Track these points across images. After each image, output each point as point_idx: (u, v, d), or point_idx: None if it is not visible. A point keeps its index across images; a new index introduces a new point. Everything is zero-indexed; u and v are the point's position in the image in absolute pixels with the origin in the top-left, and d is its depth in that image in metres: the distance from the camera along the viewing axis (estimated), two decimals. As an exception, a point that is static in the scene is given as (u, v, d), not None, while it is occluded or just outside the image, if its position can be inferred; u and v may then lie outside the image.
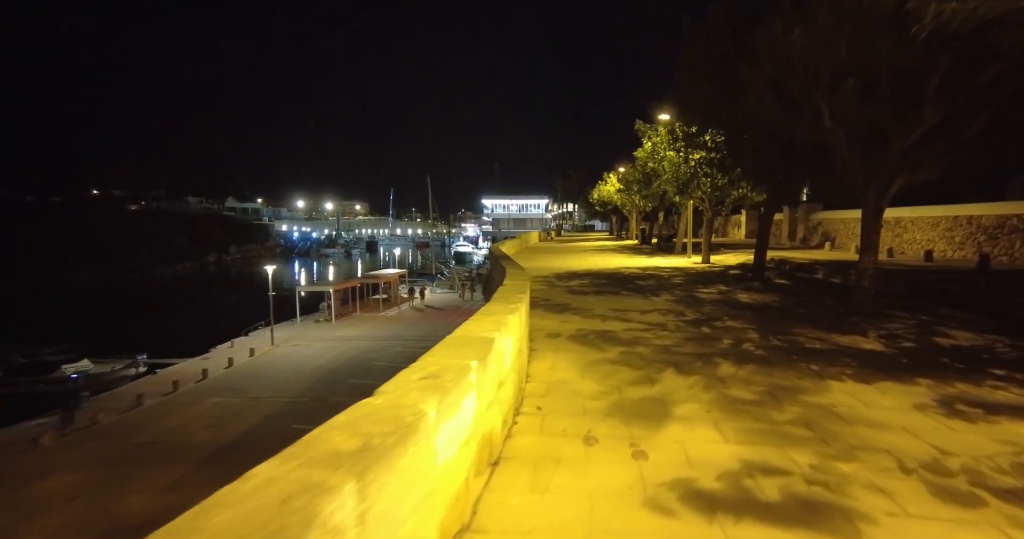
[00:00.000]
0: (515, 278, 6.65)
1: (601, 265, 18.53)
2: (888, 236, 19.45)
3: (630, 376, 4.93)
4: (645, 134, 19.66)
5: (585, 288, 11.87)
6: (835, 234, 24.10)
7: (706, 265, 17.70)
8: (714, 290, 11.38)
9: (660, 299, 10.10)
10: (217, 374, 22.94)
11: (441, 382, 2.26)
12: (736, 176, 14.42)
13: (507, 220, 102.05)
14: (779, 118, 8.60)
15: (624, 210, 45.07)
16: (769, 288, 11.63)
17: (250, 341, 28.56)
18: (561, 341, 6.45)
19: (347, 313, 35.96)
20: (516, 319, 4.08)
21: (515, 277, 6.78)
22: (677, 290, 11.44)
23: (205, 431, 16.22)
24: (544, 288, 11.89)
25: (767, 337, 6.57)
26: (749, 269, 15.58)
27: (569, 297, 10.43)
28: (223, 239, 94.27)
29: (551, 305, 9.38)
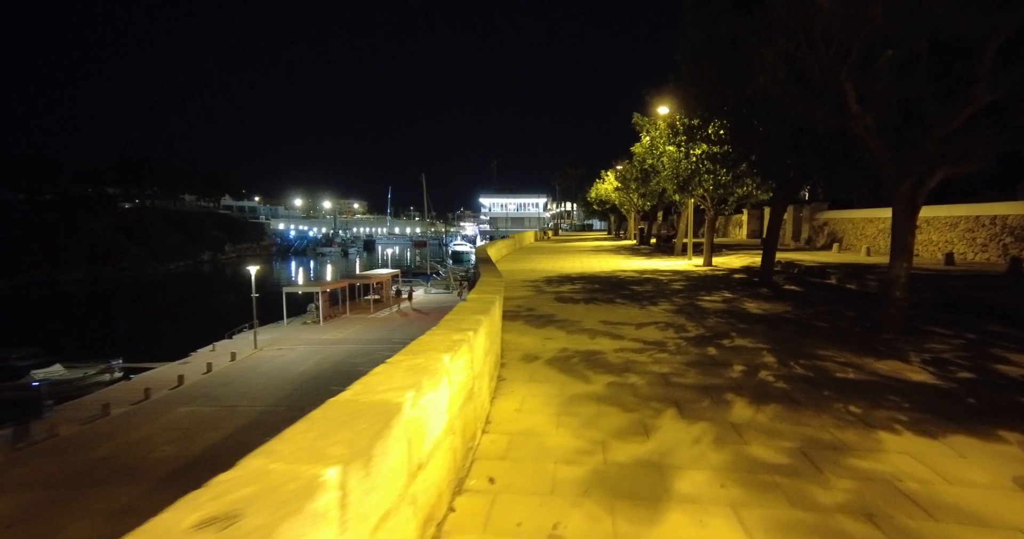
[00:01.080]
0: (484, 290, 5.53)
1: (596, 268, 17.41)
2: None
3: (619, 422, 3.80)
4: (643, 128, 18.50)
5: (576, 295, 10.75)
6: (842, 235, 23.00)
7: (708, 268, 16.58)
8: (718, 298, 10.26)
9: (658, 309, 8.98)
10: (194, 380, 21.84)
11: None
12: (741, 172, 13.29)
13: (505, 219, 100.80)
14: (795, 102, 7.46)
15: (622, 209, 43.95)
16: (779, 296, 10.51)
17: (233, 344, 27.49)
18: (538, 367, 5.32)
19: (336, 314, 34.90)
20: (461, 359, 2.97)
21: (485, 288, 5.66)
22: (677, 298, 10.32)
23: (171, 445, 15.10)
24: (530, 295, 10.77)
25: (786, 361, 5.45)
26: (755, 273, 14.44)
27: (556, 306, 9.31)
28: (218, 238, 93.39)
29: (534, 317, 8.26)
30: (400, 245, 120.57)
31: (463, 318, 3.75)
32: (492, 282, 6.32)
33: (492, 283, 6.18)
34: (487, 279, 6.70)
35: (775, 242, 11.94)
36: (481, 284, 6.00)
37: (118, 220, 78.72)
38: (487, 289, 5.50)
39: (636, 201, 35.35)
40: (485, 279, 6.72)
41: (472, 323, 3.60)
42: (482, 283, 6.20)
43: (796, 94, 7.38)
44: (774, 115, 8.98)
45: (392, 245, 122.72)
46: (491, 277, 7.01)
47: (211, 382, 21.51)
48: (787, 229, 30.06)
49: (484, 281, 6.43)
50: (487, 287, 5.71)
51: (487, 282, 6.36)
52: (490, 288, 5.65)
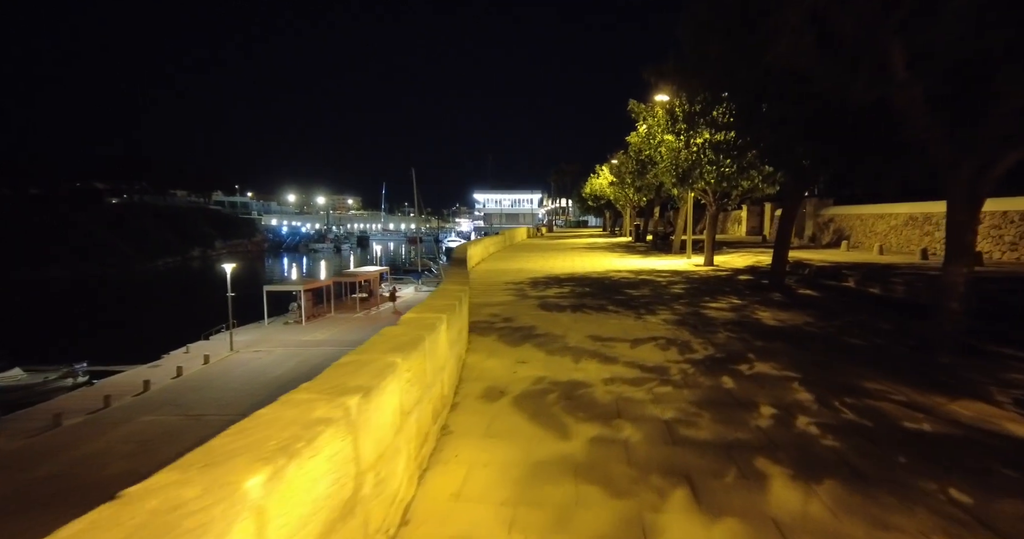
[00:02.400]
0: (433, 305, 4.20)
1: (588, 267, 16.09)
2: (916, 234, 17.12)
3: (604, 519, 2.48)
4: (640, 116, 17.12)
5: (562, 301, 9.42)
6: (850, 232, 21.73)
7: (709, 268, 15.28)
8: (725, 304, 8.96)
9: (657, 319, 7.67)
10: (161, 386, 20.46)
11: None
12: (747, 162, 11.98)
13: (499, 215, 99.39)
14: (823, 72, 6.14)
15: (617, 205, 42.66)
16: (795, 302, 9.22)
17: (209, 346, 26.13)
18: (501, 409, 3.99)
19: (320, 314, 33.56)
20: (333, 445, 1.64)
21: (434, 303, 4.32)
22: (678, 304, 9.01)
23: (123, 461, 13.74)
24: (510, 301, 9.43)
25: (827, 399, 4.14)
26: (762, 274, 13.16)
27: (538, 316, 7.99)
28: (208, 234, 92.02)
29: (510, 330, 6.93)
30: (395, 241, 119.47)
31: (356, 369, 2.38)
32: (450, 293, 4.98)
33: (449, 295, 4.84)
34: (447, 288, 5.38)
35: (787, 241, 10.64)
36: (434, 297, 4.67)
37: (106, 216, 77.26)
38: (437, 304, 4.18)
39: (631, 196, 34.03)
40: (445, 288, 5.40)
41: (370, 377, 2.25)
42: (437, 294, 4.86)
43: (825, 62, 6.06)
44: (792, 93, 7.66)
45: (386, 241, 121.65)
46: (453, 285, 5.68)
47: (180, 388, 20.16)
48: (789, 226, 28.85)
49: (441, 291, 5.10)
50: (439, 301, 4.39)
51: (445, 293, 5.03)
52: (443, 302, 4.32)
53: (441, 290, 5.17)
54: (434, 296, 4.66)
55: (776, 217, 31.35)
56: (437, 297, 4.61)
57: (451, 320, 4.10)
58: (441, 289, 5.28)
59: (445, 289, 5.27)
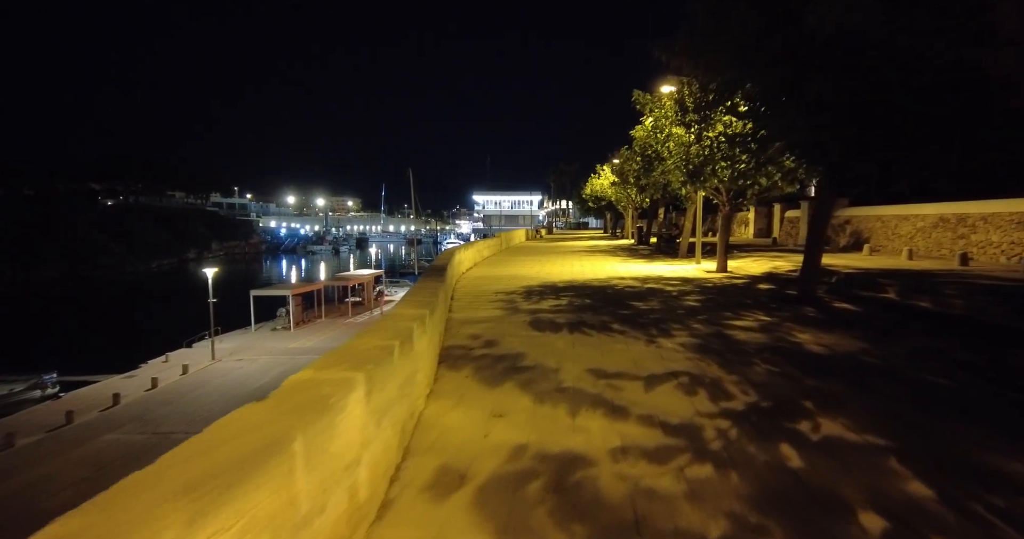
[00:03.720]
0: (349, 354, 2.78)
1: (589, 273, 14.66)
2: (948, 237, 15.67)
3: None
4: (645, 107, 15.68)
5: (559, 316, 8.00)
6: (869, 234, 20.28)
7: (723, 274, 13.85)
8: (752, 322, 7.53)
9: (672, 343, 6.23)
10: (132, 399, 19.08)
11: None
12: (769, 156, 10.56)
13: (498, 217, 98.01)
14: (894, 31, 4.74)
15: (619, 206, 41.27)
16: (834, 319, 7.79)
17: (191, 354, 24.79)
18: (453, 515, 2.56)
19: (311, 319, 32.24)
20: None
21: (351, 353, 2.90)
22: (696, 321, 7.58)
23: (74, 488, 12.35)
24: (497, 317, 7.99)
25: (957, 496, 2.69)
26: (785, 282, 11.73)
27: (529, 338, 6.57)
28: (205, 235, 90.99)
29: (492, 359, 5.50)
30: (394, 243, 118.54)
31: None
32: (394, 326, 3.56)
33: (389, 330, 3.41)
34: (398, 315, 3.95)
35: (819, 246, 9.19)
36: (367, 333, 3.24)
37: (100, 217, 76.22)
38: (360, 349, 2.76)
39: (634, 197, 32.63)
40: (395, 314, 3.98)
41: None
42: (375, 329, 3.43)
43: (896, 19, 4.66)
44: (838, 67, 6.27)
45: (386, 243, 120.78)
46: (411, 309, 4.24)
47: (152, 401, 18.79)
48: (800, 228, 27.38)
49: (385, 324, 3.67)
50: (369, 340, 2.97)
51: (387, 325, 3.60)
52: (375, 343, 2.91)
53: (385, 320, 3.76)
54: (368, 333, 3.24)
55: (786, 219, 29.93)
56: (372, 333, 3.19)
57: (383, 376, 2.69)
58: (388, 316, 3.87)
59: (393, 318, 3.85)
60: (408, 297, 4.75)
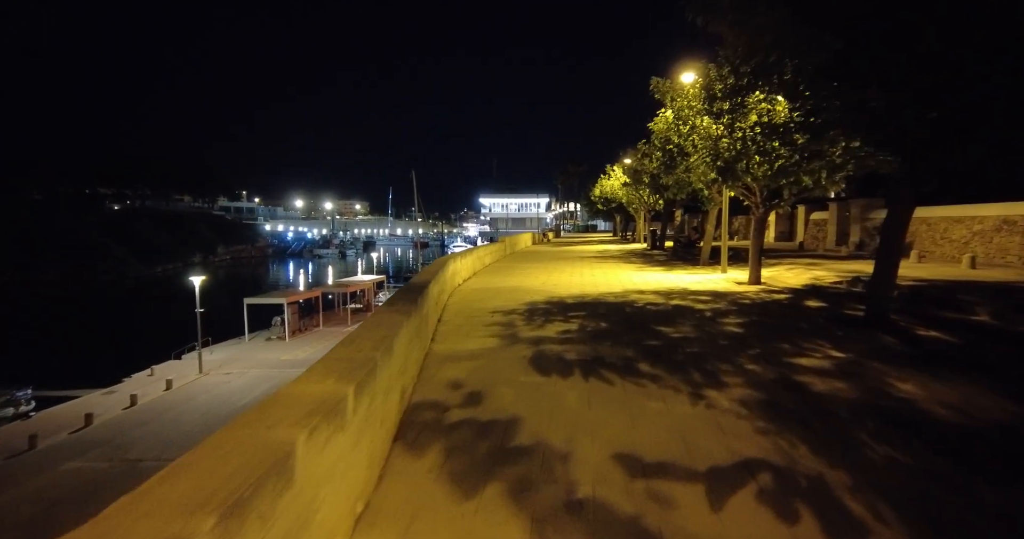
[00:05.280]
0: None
1: (602, 285, 12.91)
2: (1016, 243, 13.69)
3: None
4: (665, 95, 13.87)
5: (569, 349, 6.26)
6: (912, 238, 18.29)
7: (758, 287, 12.03)
8: (822, 359, 5.75)
9: (728, 400, 4.47)
10: (106, 419, 17.57)
11: None
12: (822, 146, 8.76)
13: (505, 219, 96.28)
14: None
15: (630, 208, 39.44)
16: (929, 354, 5.96)
17: (179, 366, 23.36)
18: None
19: (308, 327, 30.81)
20: None
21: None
22: (747, 358, 5.81)
23: (18, 530, 10.86)
24: (492, 349, 6.27)
25: None
26: (836, 298, 9.92)
27: (529, 388, 4.84)
28: (210, 239, 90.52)
29: (473, 431, 3.75)
30: (401, 246, 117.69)
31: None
32: (290, 415, 1.91)
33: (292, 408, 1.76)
34: (301, 391, 2.28)
35: (896, 257, 7.37)
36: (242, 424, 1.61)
37: (105, 220, 75.93)
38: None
39: (647, 198, 30.79)
40: (293, 392, 2.32)
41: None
42: (249, 416, 1.80)
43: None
44: (954, 16, 4.53)
45: (393, 246, 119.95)
46: (340, 363, 2.57)
47: (127, 421, 17.27)
48: (828, 232, 25.43)
49: (275, 404, 2.03)
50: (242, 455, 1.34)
51: (278, 411, 1.95)
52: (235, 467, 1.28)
53: (278, 398, 2.08)
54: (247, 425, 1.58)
55: (811, 221, 27.96)
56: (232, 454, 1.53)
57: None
58: (278, 398, 2.19)
59: (293, 397, 2.18)
60: (334, 353, 3.05)
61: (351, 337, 3.44)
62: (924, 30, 4.60)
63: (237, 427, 1.97)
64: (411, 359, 4.70)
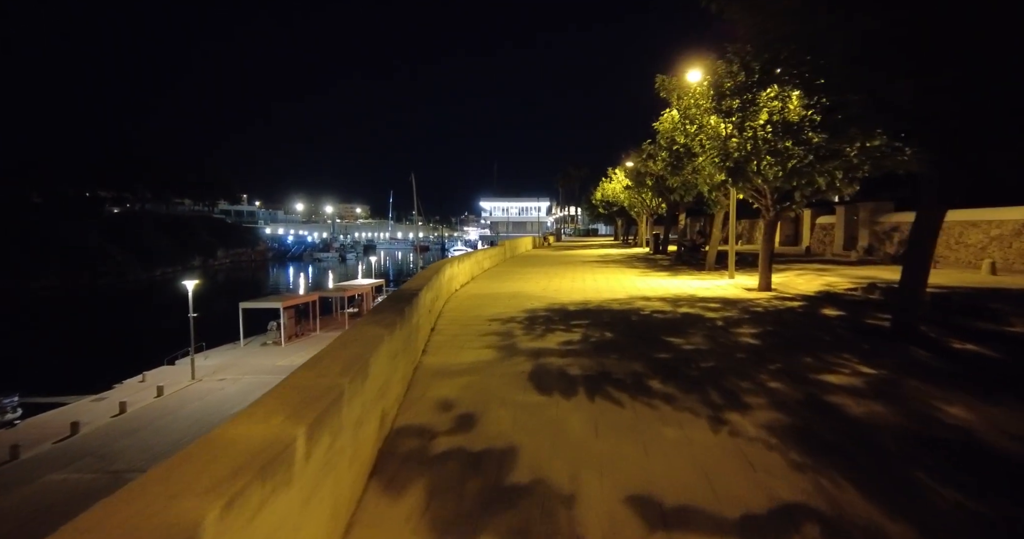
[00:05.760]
0: None
1: (605, 291, 12.38)
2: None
3: None
4: (672, 94, 13.37)
5: (572, 363, 5.72)
6: (924, 243, 17.75)
7: (769, 294, 11.49)
8: (851, 375, 5.21)
9: (753, 426, 3.90)
10: (94, 427, 16.99)
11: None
12: (847, 143, 8.24)
13: (505, 223, 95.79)
14: None
15: (632, 212, 38.94)
16: (970, 371, 5.41)
17: (172, 372, 22.81)
18: None
19: (304, 332, 30.29)
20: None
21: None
22: (769, 374, 5.26)
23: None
24: (488, 363, 5.72)
25: None
26: (855, 307, 9.38)
27: (528, 410, 4.28)
28: (210, 243, 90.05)
29: (464, 464, 3.18)
30: (402, 250, 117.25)
31: None
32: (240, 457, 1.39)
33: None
34: (240, 434, 1.78)
35: (926, 264, 6.84)
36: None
37: (105, 224, 75.56)
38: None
39: (649, 201, 30.30)
40: (230, 435, 1.83)
41: None
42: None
43: None
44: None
45: (393, 250, 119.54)
46: (264, 423, 2.07)
47: (115, 430, 16.70)
48: (835, 236, 24.87)
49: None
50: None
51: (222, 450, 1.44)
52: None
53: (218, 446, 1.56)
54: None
55: (818, 225, 27.40)
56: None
57: None
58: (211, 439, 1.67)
59: (222, 444, 1.66)
60: (292, 379, 2.53)
61: (317, 358, 2.92)
62: (969, 11, 4.10)
63: (124, 499, 1.44)
64: (395, 377, 4.18)
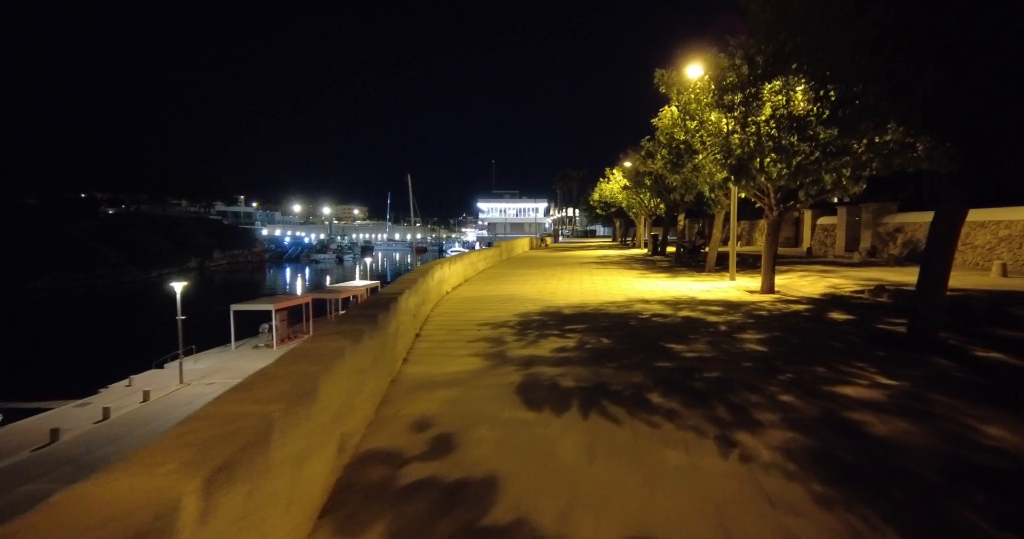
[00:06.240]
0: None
1: (603, 293, 11.91)
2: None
3: None
4: (671, 88, 12.88)
5: (565, 373, 5.23)
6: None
7: (772, 296, 11.03)
8: (870, 389, 4.74)
9: (768, 449, 3.41)
10: (75, 434, 16.38)
11: None
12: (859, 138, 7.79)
13: (503, 224, 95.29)
14: None
15: (630, 213, 38.50)
16: (1003, 384, 4.99)
17: (161, 375, 22.21)
18: None
19: (298, 334, 29.72)
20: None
21: None
22: (780, 387, 4.79)
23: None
24: (474, 373, 5.24)
25: None
26: (864, 310, 8.92)
27: (514, 429, 3.77)
28: (207, 244, 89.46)
29: (435, 501, 2.69)
30: (400, 251, 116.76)
31: None
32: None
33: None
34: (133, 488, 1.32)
35: (946, 267, 6.39)
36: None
37: (100, 226, 75.02)
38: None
39: (647, 202, 29.85)
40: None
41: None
42: None
43: None
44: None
45: (391, 251, 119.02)
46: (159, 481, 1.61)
47: (97, 438, 16.10)
48: (837, 237, 24.46)
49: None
50: None
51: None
52: None
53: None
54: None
55: (818, 226, 27.00)
56: None
57: None
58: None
59: (74, 515, 1.19)
60: (205, 409, 2.06)
61: (250, 380, 2.44)
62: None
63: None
64: (362, 395, 3.69)
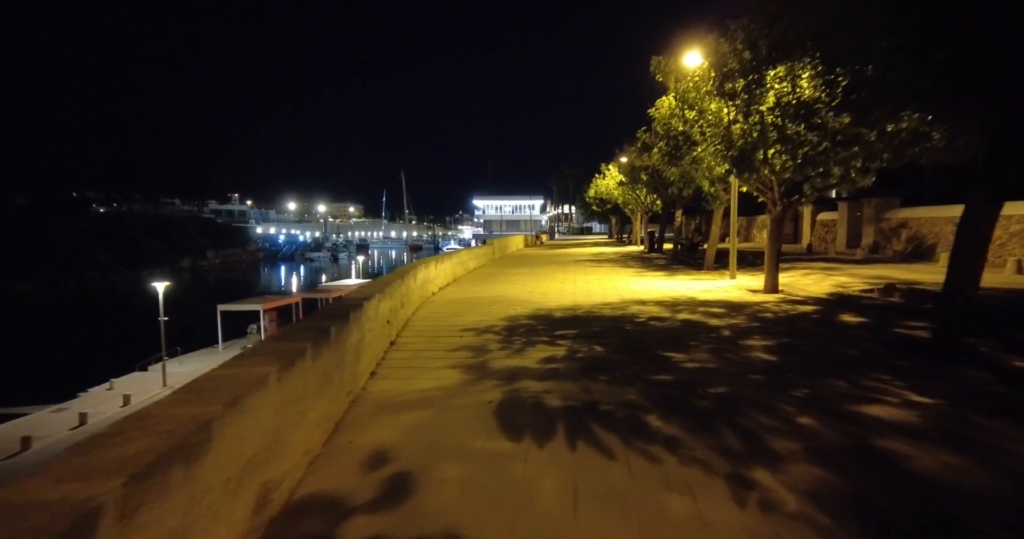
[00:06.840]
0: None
1: (597, 294, 11.29)
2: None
3: None
4: (669, 76, 12.20)
5: (552, 390, 4.57)
6: (936, 240, 16.75)
7: (776, 296, 10.42)
8: (900, 407, 4.12)
9: (784, 487, 2.78)
10: (48, 442, 15.60)
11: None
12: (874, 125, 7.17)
13: (499, 221, 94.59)
14: None
15: (626, 209, 37.89)
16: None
17: (144, 378, 21.43)
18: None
19: (286, 336, 28.89)
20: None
21: None
22: (795, 405, 4.15)
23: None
24: (449, 389, 4.56)
25: None
26: (877, 312, 8.30)
27: (485, 465, 3.12)
28: (200, 243, 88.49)
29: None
30: (395, 249, 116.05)
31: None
32: None
33: None
34: None
35: (980, 263, 5.78)
36: None
37: (92, 225, 74.03)
38: None
39: (643, 198, 29.26)
40: None
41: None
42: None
43: None
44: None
45: (387, 249, 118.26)
46: None
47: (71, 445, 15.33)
48: (838, 233, 23.89)
49: None
50: None
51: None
52: None
53: None
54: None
55: (818, 222, 26.40)
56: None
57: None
58: None
59: None
60: (20, 486, 1.41)
61: (108, 431, 1.79)
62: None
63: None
64: (301, 429, 3.05)
